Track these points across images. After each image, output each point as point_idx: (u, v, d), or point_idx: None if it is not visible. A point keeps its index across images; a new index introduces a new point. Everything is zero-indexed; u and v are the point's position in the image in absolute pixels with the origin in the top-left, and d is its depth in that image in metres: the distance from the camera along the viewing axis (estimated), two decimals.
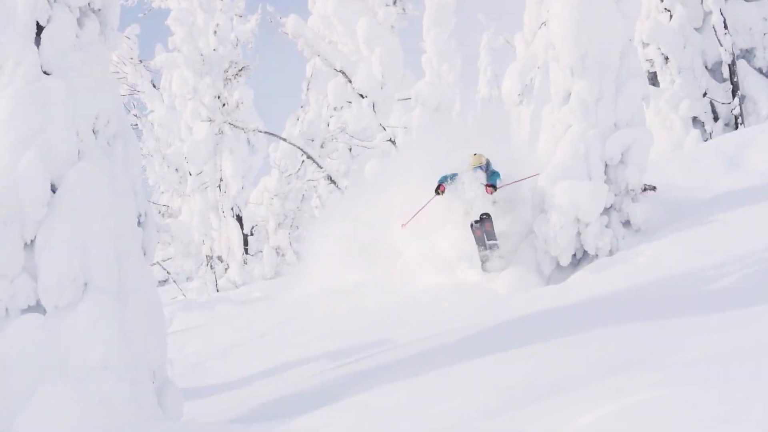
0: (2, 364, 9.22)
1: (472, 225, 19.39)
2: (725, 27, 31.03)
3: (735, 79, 31.30)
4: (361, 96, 37.11)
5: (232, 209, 36.85)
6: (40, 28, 10.29)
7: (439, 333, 13.67)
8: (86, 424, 9.14)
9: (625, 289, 15.85)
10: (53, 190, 9.84)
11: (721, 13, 31.11)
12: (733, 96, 31.33)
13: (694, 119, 31.82)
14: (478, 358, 9.13)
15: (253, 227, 38.09)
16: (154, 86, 42.05)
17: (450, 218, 20.07)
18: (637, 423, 5.13)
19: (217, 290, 35.79)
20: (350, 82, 37.28)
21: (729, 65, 31.24)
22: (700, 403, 5.15)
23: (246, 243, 37.20)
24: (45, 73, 10.17)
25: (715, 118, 31.69)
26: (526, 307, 15.07)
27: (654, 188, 19.59)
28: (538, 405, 6.41)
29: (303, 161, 38.33)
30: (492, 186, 19.46)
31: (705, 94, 31.51)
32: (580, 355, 8.02)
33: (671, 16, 31.91)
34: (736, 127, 30.76)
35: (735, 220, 17.50)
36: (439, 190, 19.80)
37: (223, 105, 36.59)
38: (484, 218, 19.36)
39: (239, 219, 37.15)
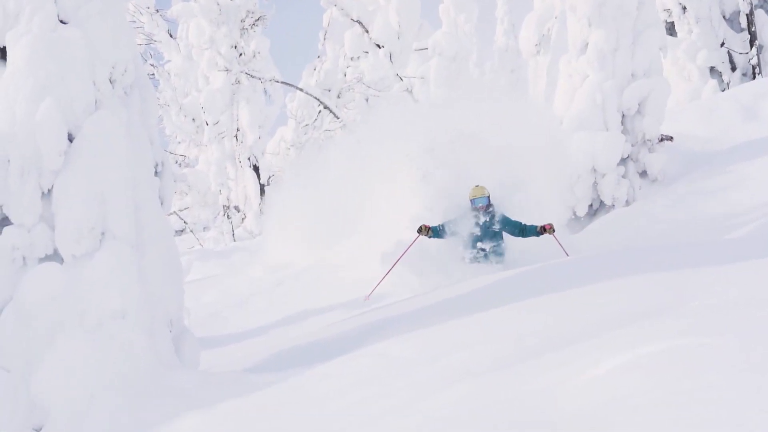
0: (23, 312, 9.28)
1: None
2: None
3: (753, 29, 31.12)
4: (378, 46, 37.04)
5: (248, 159, 36.89)
6: None
7: (453, 284, 13.70)
8: (105, 371, 9.22)
9: (641, 238, 15.85)
10: (70, 139, 9.84)
11: None
12: (751, 46, 31.17)
13: (712, 69, 31.69)
14: (493, 309, 9.13)
15: (270, 177, 38.08)
16: (171, 36, 41.87)
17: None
18: (654, 372, 5.12)
19: (234, 240, 35.90)
20: (367, 32, 37.20)
21: (747, 15, 31.06)
22: (718, 354, 5.13)
23: (263, 193, 37.22)
24: (62, 22, 10.14)
25: (733, 68, 31.56)
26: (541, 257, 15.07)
27: (671, 138, 19.57)
28: (552, 355, 6.41)
29: (320, 111, 38.26)
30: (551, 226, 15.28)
31: (722, 44, 31.35)
32: (595, 305, 8.02)
33: None
34: (754, 77, 30.63)
35: (752, 170, 17.50)
36: (422, 228, 15.87)
37: (240, 55, 36.53)
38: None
39: (256, 169, 37.19)
